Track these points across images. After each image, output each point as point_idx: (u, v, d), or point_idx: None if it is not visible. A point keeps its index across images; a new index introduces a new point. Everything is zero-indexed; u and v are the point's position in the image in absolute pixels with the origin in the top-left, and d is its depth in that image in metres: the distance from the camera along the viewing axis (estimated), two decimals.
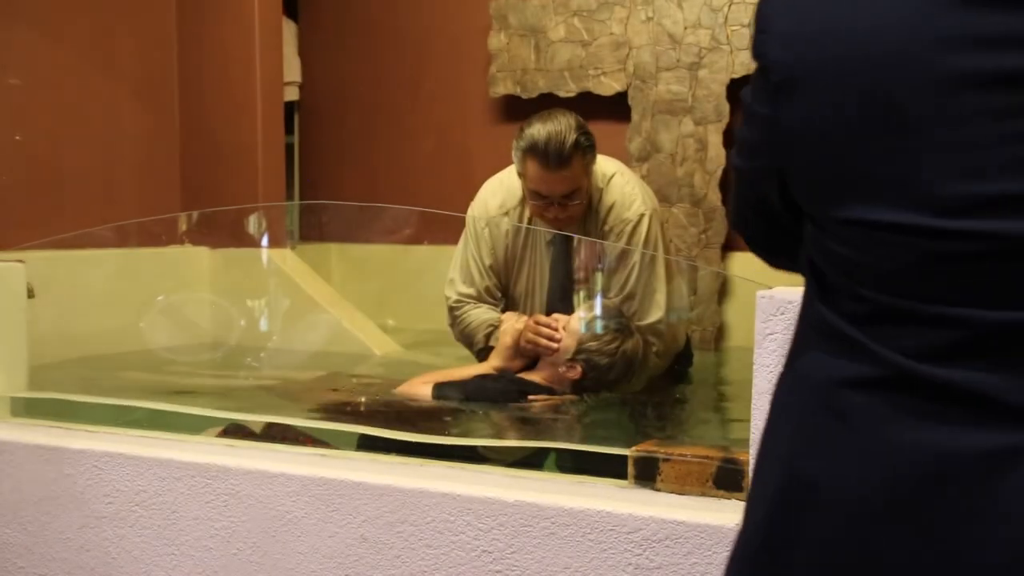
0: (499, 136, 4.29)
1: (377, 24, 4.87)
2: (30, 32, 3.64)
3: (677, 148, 4.18)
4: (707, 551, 1.56)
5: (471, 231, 2.88)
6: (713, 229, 4.15)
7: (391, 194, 4.77)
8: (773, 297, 1.51)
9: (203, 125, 4.16)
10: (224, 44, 4.11)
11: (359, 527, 1.80)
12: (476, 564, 1.71)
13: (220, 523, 1.91)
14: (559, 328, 2.61)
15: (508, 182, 2.85)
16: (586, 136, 2.64)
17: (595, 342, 2.57)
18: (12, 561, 2.10)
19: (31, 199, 3.63)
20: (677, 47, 4.18)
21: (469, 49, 4.66)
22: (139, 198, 4.06)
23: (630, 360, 2.59)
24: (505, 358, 2.67)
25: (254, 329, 3.73)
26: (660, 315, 2.72)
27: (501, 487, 1.72)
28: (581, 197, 2.69)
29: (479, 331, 2.83)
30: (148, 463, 1.97)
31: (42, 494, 2.06)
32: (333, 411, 2.69)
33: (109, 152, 3.95)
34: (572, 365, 2.55)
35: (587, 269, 2.78)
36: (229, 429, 2.35)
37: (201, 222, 3.94)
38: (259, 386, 3.11)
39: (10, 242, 2.94)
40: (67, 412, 2.33)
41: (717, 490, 1.64)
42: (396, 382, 2.79)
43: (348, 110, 4.96)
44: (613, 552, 1.61)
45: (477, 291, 2.86)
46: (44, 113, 3.70)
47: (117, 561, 2.00)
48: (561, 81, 4.38)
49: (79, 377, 3.02)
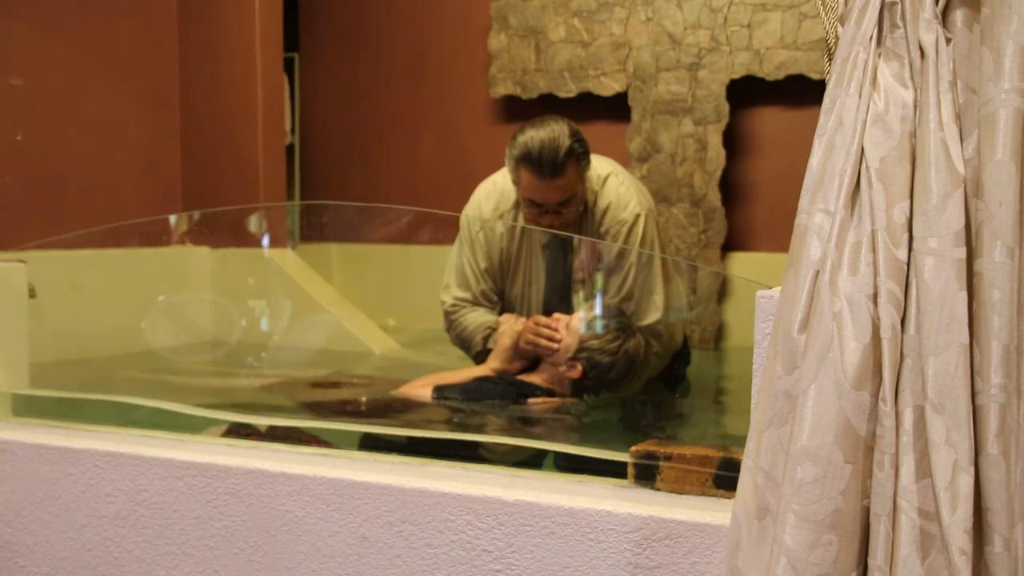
0: (499, 136, 4.30)
1: (378, 25, 4.88)
2: (31, 32, 3.64)
3: (677, 148, 4.19)
4: (707, 551, 1.56)
5: (465, 235, 2.86)
6: (713, 229, 4.16)
7: (391, 194, 4.78)
8: (773, 297, 1.51)
9: (204, 125, 4.17)
10: (224, 44, 4.11)
11: (359, 526, 1.80)
12: (476, 563, 1.71)
13: (221, 522, 1.91)
14: (559, 328, 2.60)
15: (502, 184, 2.84)
16: (580, 143, 2.62)
17: (596, 341, 2.56)
18: (14, 560, 2.10)
19: (32, 199, 3.63)
20: (677, 47, 4.18)
21: (469, 50, 4.67)
22: (140, 198, 4.06)
23: (632, 359, 2.59)
24: (504, 360, 2.67)
25: (255, 329, 3.73)
26: (658, 316, 2.71)
27: (501, 486, 1.73)
28: (576, 204, 2.68)
29: (476, 334, 2.83)
30: (149, 462, 1.97)
31: (43, 493, 2.06)
32: (334, 411, 2.70)
33: (110, 152, 3.95)
34: (573, 364, 2.55)
35: (584, 271, 2.78)
36: (232, 428, 2.36)
37: (202, 222, 3.94)
38: (260, 386, 3.11)
39: (11, 242, 2.95)
40: (68, 411, 2.33)
41: (717, 490, 1.65)
42: (396, 382, 2.79)
43: (348, 110, 4.96)
44: (613, 551, 1.62)
45: (473, 295, 2.85)
46: (45, 113, 3.70)
47: (118, 560, 2.01)
48: (561, 81, 4.38)
49: (80, 377, 3.02)
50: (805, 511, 1.17)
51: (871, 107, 1.21)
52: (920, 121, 1.19)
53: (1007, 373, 1.12)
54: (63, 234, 3.29)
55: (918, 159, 1.18)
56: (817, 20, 3.93)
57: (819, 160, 1.24)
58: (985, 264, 1.14)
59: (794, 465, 1.18)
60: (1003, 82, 1.14)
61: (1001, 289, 1.12)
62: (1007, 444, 1.12)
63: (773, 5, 4.06)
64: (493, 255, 2.84)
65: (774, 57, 4.06)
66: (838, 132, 1.22)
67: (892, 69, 1.21)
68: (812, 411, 1.17)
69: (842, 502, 1.16)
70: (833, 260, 1.19)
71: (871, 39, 1.22)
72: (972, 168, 1.16)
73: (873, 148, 1.20)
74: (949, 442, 1.12)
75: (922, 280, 1.15)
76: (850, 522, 1.16)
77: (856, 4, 1.24)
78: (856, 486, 1.16)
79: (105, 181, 3.93)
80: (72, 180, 3.80)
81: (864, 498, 1.17)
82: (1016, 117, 1.13)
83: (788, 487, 1.18)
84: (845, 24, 1.26)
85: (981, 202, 1.15)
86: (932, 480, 1.12)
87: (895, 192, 1.18)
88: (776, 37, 4.05)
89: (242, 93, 4.09)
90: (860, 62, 1.22)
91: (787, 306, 1.25)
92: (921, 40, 1.19)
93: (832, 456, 1.16)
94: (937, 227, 1.15)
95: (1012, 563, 1.12)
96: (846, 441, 1.16)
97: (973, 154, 1.17)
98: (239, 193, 4.06)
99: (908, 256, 1.17)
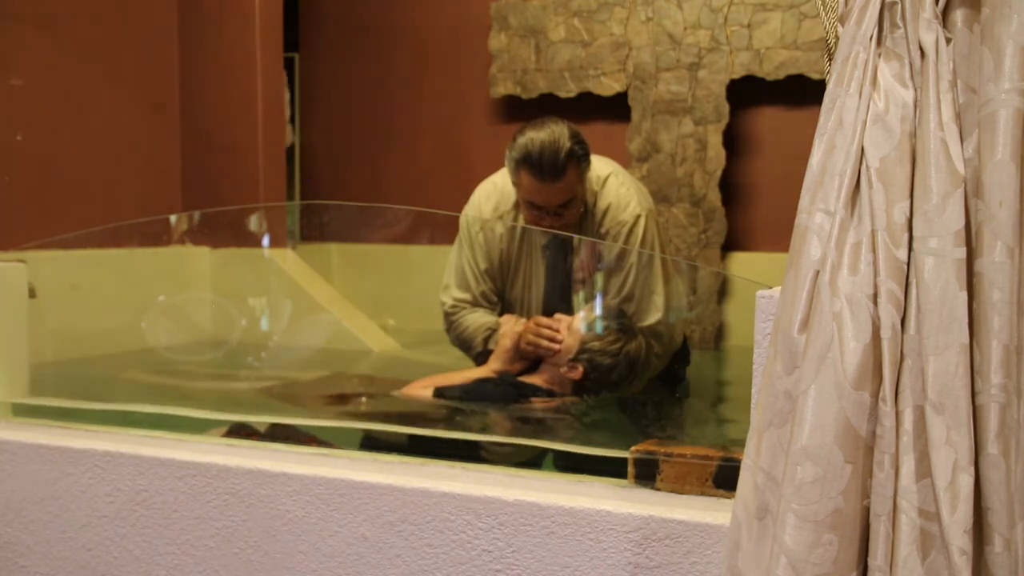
0: (499, 136, 4.30)
1: (378, 25, 4.88)
2: (31, 33, 3.64)
3: (677, 148, 4.19)
4: (706, 550, 1.56)
5: (465, 236, 2.85)
6: (713, 229, 4.16)
7: (391, 194, 4.78)
8: (773, 297, 1.51)
9: (204, 125, 4.17)
10: (225, 44, 4.11)
11: (359, 526, 1.80)
12: (476, 563, 1.71)
13: (221, 522, 1.91)
14: (560, 328, 2.60)
15: (502, 185, 2.83)
16: (580, 145, 2.61)
17: (598, 342, 2.56)
18: (14, 560, 2.10)
19: (32, 199, 3.63)
20: (677, 47, 4.18)
21: (469, 50, 4.67)
22: (140, 198, 4.07)
23: (633, 361, 2.58)
24: (505, 361, 2.66)
25: (255, 329, 3.73)
26: (659, 316, 2.71)
27: (501, 486, 1.73)
28: (576, 206, 2.67)
29: (477, 335, 2.82)
30: (149, 462, 1.97)
31: (44, 493, 2.06)
32: (334, 412, 2.69)
33: (110, 152, 3.95)
34: (574, 365, 2.55)
35: (584, 271, 2.77)
36: (233, 428, 2.36)
37: (202, 222, 3.95)
38: (260, 388, 3.11)
39: (11, 242, 2.95)
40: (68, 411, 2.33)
41: (717, 490, 1.65)
42: (397, 382, 2.79)
43: (349, 110, 4.96)
44: (613, 551, 1.62)
45: (473, 296, 2.84)
46: (45, 113, 3.70)
47: (118, 560, 2.01)
48: (561, 81, 4.38)
49: (80, 377, 3.02)
50: (805, 511, 1.17)
51: (871, 107, 1.21)
52: (920, 121, 1.19)
53: (1007, 373, 1.12)
54: (63, 234, 3.29)
55: (918, 159, 1.18)
56: (817, 20, 3.93)
57: (819, 160, 1.24)
58: (985, 264, 1.14)
59: (794, 465, 1.18)
60: (1003, 82, 1.13)
61: (1001, 289, 1.12)
62: (1007, 444, 1.12)
63: (773, 5, 4.06)
64: (493, 256, 2.83)
65: (774, 57, 4.06)
66: (838, 132, 1.22)
67: (892, 69, 1.21)
68: (812, 411, 1.17)
69: (842, 502, 1.16)
70: (833, 260, 1.19)
71: (871, 39, 1.22)
72: (972, 168, 1.16)
73: (873, 148, 1.20)
74: (949, 442, 1.12)
75: (922, 280, 1.15)
76: (850, 522, 1.16)
77: (856, 4, 1.24)
78: (856, 486, 1.16)
79: (105, 181, 3.93)
80: (72, 180, 3.80)
81: (864, 498, 1.17)
82: (1016, 117, 1.13)
83: (788, 487, 1.18)
84: (845, 24, 1.26)
85: (981, 202, 1.15)
86: (932, 480, 1.12)
87: (895, 192, 1.18)
88: (776, 37, 4.05)
89: (242, 93, 4.09)
90: (860, 62, 1.22)
91: (787, 306, 1.24)
92: (921, 40, 1.19)
93: (832, 456, 1.16)
94: (937, 227, 1.15)
95: (1012, 563, 1.12)
96: (846, 441, 1.16)
97: (973, 154, 1.17)
98: (239, 193, 4.06)
99: (908, 256, 1.17)
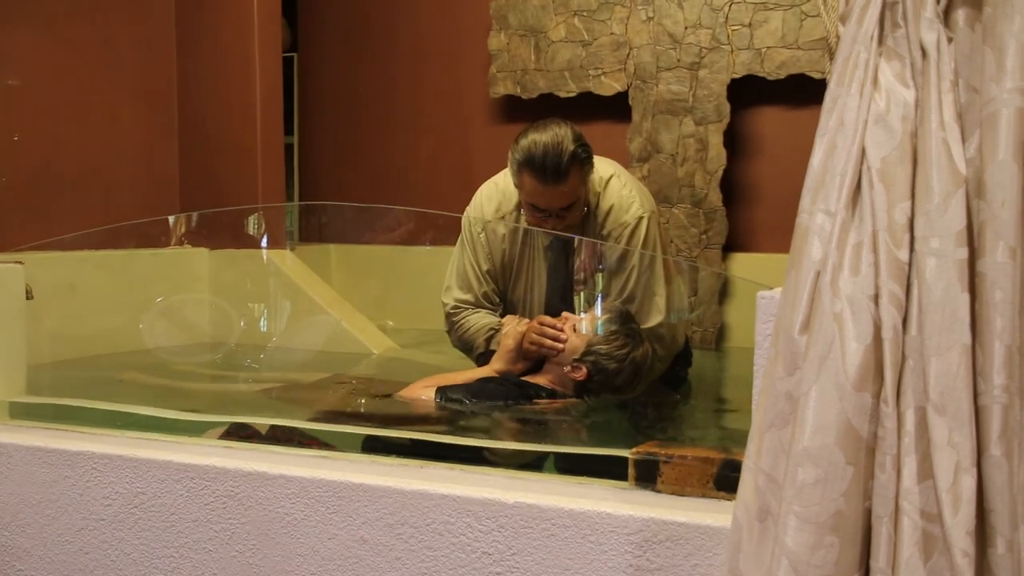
0: (499, 136, 4.30)
1: (378, 25, 4.87)
2: (30, 33, 3.63)
3: (678, 148, 4.18)
4: (708, 552, 1.55)
5: (467, 236, 2.85)
6: (714, 229, 4.15)
7: (391, 194, 4.77)
8: (774, 298, 1.50)
9: (203, 126, 4.16)
10: (223, 44, 4.11)
11: (359, 529, 1.79)
12: (476, 566, 1.71)
13: (219, 525, 1.91)
14: (565, 328, 2.59)
15: (504, 185, 2.82)
16: (583, 147, 2.60)
17: (605, 346, 2.54)
18: (11, 564, 2.09)
19: (31, 200, 3.63)
20: (677, 47, 4.18)
21: (469, 49, 4.66)
22: (139, 199, 4.06)
23: (638, 367, 2.56)
24: (508, 361, 2.65)
25: (254, 330, 3.73)
26: (661, 318, 2.70)
27: (501, 489, 1.72)
28: (578, 208, 2.66)
29: (479, 336, 2.81)
30: (147, 465, 1.97)
31: (41, 496, 2.05)
32: (335, 414, 2.68)
33: (109, 153, 3.95)
34: (577, 366, 2.53)
35: (586, 272, 2.76)
36: (231, 430, 2.35)
37: (201, 223, 3.94)
38: (260, 389, 3.11)
39: (9, 243, 2.95)
40: (65, 413, 2.32)
41: (718, 491, 1.64)
42: (396, 383, 2.78)
43: (348, 110, 4.96)
44: (613, 554, 1.61)
45: (475, 297, 2.83)
46: (44, 114, 3.70)
47: (116, 563, 2.00)
48: (561, 81, 4.38)
49: (77, 379, 3.01)
50: (806, 513, 1.16)
51: (872, 107, 1.20)
52: (921, 121, 1.18)
53: (1010, 374, 1.12)
54: (61, 235, 3.28)
55: (920, 159, 1.17)
56: (818, 19, 3.92)
57: (820, 160, 1.24)
58: (987, 264, 1.13)
59: (795, 466, 1.17)
60: (1005, 81, 1.13)
61: (1003, 289, 1.12)
62: (1010, 445, 1.12)
63: (774, 4, 4.05)
64: (495, 257, 2.82)
65: (775, 56, 4.05)
66: (839, 132, 1.22)
67: (893, 69, 1.21)
68: (813, 412, 1.17)
69: (844, 504, 1.16)
70: (834, 261, 1.18)
71: (872, 38, 1.22)
72: (974, 168, 1.16)
73: (874, 148, 1.19)
74: (951, 443, 1.11)
75: (924, 281, 1.15)
76: (852, 524, 1.16)
77: (857, 3, 1.23)
78: (858, 488, 1.16)
79: (103, 182, 3.93)
80: (70, 181, 3.79)
81: (866, 500, 1.16)
82: (1018, 117, 1.12)
83: (789, 489, 1.18)
84: (846, 23, 1.25)
85: (983, 202, 1.14)
86: (934, 481, 1.12)
87: (896, 192, 1.17)
88: (777, 36, 4.05)
89: (241, 93, 4.08)
90: (861, 62, 1.21)
91: (788, 307, 1.24)
92: (923, 39, 1.19)
93: (833, 457, 1.16)
94: (939, 227, 1.14)
95: (1015, 565, 1.11)
96: (847, 442, 1.15)
97: (975, 154, 1.16)
98: (238, 194, 4.06)
99: (910, 256, 1.17)
